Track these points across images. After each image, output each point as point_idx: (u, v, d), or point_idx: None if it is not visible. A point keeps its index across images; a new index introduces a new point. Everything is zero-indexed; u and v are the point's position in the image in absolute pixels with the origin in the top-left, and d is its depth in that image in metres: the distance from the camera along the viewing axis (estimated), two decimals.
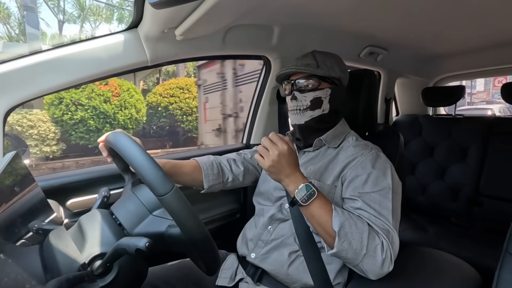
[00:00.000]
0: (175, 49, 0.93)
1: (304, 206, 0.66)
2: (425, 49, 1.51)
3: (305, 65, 0.81)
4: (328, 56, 0.85)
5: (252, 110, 1.35)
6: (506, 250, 0.59)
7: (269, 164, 0.67)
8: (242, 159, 0.99)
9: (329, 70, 0.81)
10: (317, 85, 0.81)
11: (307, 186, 0.66)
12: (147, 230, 0.61)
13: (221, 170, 0.93)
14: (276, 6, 0.90)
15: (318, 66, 0.81)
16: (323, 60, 0.82)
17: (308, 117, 0.82)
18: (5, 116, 0.74)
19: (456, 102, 1.84)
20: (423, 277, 0.70)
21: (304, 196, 0.65)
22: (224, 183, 0.94)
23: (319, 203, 0.66)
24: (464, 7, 0.94)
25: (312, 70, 0.80)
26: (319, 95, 0.81)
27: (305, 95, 0.81)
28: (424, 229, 1.60)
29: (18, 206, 0.59)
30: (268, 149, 0.67)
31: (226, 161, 0.96)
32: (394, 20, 1.07)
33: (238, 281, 0.86)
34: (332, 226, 0.64)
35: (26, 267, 0.50)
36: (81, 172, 1.00)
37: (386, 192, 0.72)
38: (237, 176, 0.95)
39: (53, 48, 0.78)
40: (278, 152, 0.66)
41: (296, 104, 0.82)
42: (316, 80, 0.81)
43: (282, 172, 0.67)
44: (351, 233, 0.64)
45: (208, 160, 0.93)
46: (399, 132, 1.01)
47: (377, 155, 0.79)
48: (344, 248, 0.63)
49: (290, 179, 0.67)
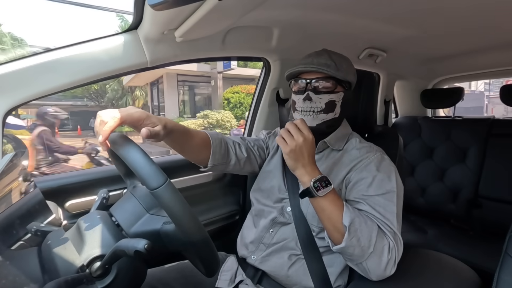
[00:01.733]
0: (175, 50, 0.93)
1: (318, 197, 0.66)
2: (424, 51, 1.52)
3: (324, 65, 0.77)
4: (342, 58, 0.81)
5: (251, 111, 1.35)
6: (505, 252, 0.59)
7: (291, 148, 0.67)
8: (246, 145, 0.93)
9: (346, 74, 0.79)
10: (334, 88, 0.78)
11: (324, 177, 0.67)
12: (144, 229, 0.61)
13: (227, 151, 0.88)
14: (276, 8, 0.90)
15: (337, 68, 0.77)
16: (340, 62, 0.79)
17: (321, 120, 0.79)
18: (4, 117, 0.74)
19: (455, 104, 1.85)
20: (422, 279, 0.70)
21: (320, 187, 0.66)
22: (227, 165, 0.88)
23: (332, 197, 0.67)
24: (463, 9, 0.94)
25: (333, 72, 0.76)
26: (333, 99, 0.78)
27: (320, 96, 0.78)
28: (424, 231, 1.60)
29: (17, 207, 0.58)
30: (293, 134, 0.68)
31: (232, 143, 0.90)
32: (393, 22, 1.07)
33: (238, 283, 0.86)
34: (342, 221, 0.64)
35: (25, 269, 0.50)
36: (80, 174, 1.00)
37: (391, 195, 0.72)
38: (239, 161, 0.90)
39: (52, 49, 0.78)
40: (303, 138, 0.67)
41: (310, 106, 0.79)
42: (333, 82, 0.78)
43: (301, 160, 0.68)
44: (361, 230, 0.64)
45: (217, 137, 0.86)
46: (399, 134, 1.01)
47: (382, 158, 0.79)
48: (353, 244, 0.63)
49: (306, 169, 0.68)
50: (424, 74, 1.95)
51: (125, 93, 16.89)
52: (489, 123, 1.67)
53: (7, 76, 0.72)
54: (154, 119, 0.64)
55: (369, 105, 1.02)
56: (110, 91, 16.69)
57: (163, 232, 0.60)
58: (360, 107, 1.00)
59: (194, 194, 1.11)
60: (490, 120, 1.69)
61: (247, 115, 1.41)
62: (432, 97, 1.93)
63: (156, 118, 0.65)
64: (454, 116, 1.88)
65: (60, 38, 45.06)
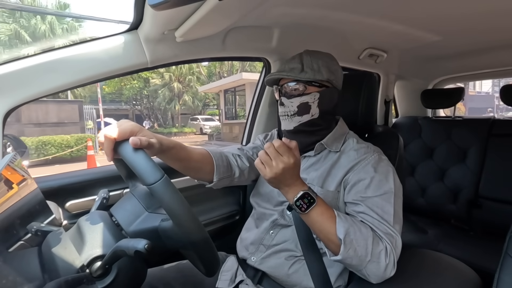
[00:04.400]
0: (175, 50, 0.93)
1: (303, 214, 0.65)
2: (424, 52, 1.52)
3: (288, 70, 0.79)
4: (316, 57, 0.80)
5: (251, 111, 1.35)
6: (506, 252, 0.59)
7: (270, 175, 0.63)
8: (245, 154, 0.93)
9: (314, 74, 0.77)
10: (303, 90, 0.78)
11: (306, 194, 0.64)
12: (142, 227, 0.60)
13: (229, 164, 0.87)
14: (276, 8, 0.90)
15: (302, 70, 0.78)
16: (309, 63, 0.78)
17: (297, 122, 0.79)
18: (4, 117, 0.74)
19: (455, 104, 1.85)
20: (422, 279, 0.70)
21: (303, 204, 0.64)
22: (232, 178, 0.87)
23: (319, 210, 0.65)
24: (463, 9, 0.94)
25: (294, 76, 0.77)
26: (306, 100, 0.78)
27: (291, 100, 0.78)
28: (424, 231, 1.60)
29: (17, 207, 0.58)
30: (272, 159, 0.63)
31: (232, 155, 0.90)
32: (394, 22, 1.07)
33: (238, 283, 0.86)
34: (336, 233, 0.63)
35: (25, 269, 0.50)
36: (80, 174, 1.00)
37: (388, 196, 0.72)
38: (243, 172, 0.89)
39: (53, 49, 0.78)
40: (283, 166, 0.62)
41: (284, 110, 0.80)
42: (301, 85, 0.78)
43: (283, 182, 0.65)
44: (356, 240, 0.63)
45: (217, 151, 0.86)
46: (399, 134, 1.01)
47: (380, 159, 0.78)
48: (350, 255, 0.62)
49: (290, 188, 0.65)
50: (424, 74, 1.95)
51: (173, 98, 18.97)
52: (489, 123, 1.67)
53: (7, 76, 0.72)
54: (147, 133, 0.63)
55: (369, 105, 1.02)
56: (162, 95, 18.76)
57: (161, 229, 0.60)
58: (361, 107, 0.99)
59: (194, 194, 1.11)
60: (490, 120, 1.69)
61: (247, 115, 1.41)
62: (432, 97, 1.93)
63: (150, 133, 0.64)
64: (454, 116, 1.88)
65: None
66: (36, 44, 14.44)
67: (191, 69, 19.63)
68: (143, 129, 0.62)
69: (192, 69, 19.70)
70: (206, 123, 18.40)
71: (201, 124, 18.74)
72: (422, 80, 2.04)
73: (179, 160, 0.75)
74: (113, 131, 0.57)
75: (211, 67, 21.12)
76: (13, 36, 14.68)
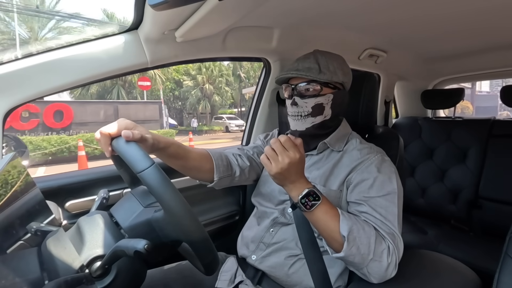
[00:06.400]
0: (175, 50, 0.93)
1: (307, 212, 0.65)
2: (425, 52, 1.52)
3: (306, 70, 0.77)
4: (331, 58, 0.80)
5: (252, 112, 1.35)
6: (505, 253, 0.59)
7: (276, 171, 0.63)
8: (246, 154, 0.93)
9: (331, 75, 0.77)
10: (319, 91, 0.77)
11: (311, 191, 0.64)
12: (137, 221, 0.60)
13: (229, 163, 0.87)
14: (276, 9, 0.90)
15: (320, 71, 0.76)
16: (325, 63, 0.78)
17: (310, 123, 0.78)
18: (4, 117, 0.74)
19: (455, 105, 1.85)
20: (422, 280, 0.70)
21: (308, 202, 0.64)
22: (232, 177, 0.88)
23: (324, 209, 0.65)
24: (463, 9, 0.94)
25: (313, 76, 0.75)
26: (320, 101, 0.77)
27: (306, 101, 0.77)
28: (424, 231, 1.60)
29: (17, 207, 0.58)
30: (278, 154, 0.63)
31: (232, 155, 0.90)
32: (394, 23, 1.07)
33: (238, 283, 0.85)
34: (340, 230, 0.63)
35: (24, 269, 0.50)
36: (80, 174, 1.00)
37: (392, 197, 0.72)
38: (243, 171, 0.90)
39: (53, 49, 0.78)
40: (289, 160, 0.62)
41: (297, 110, 0.79)
42: (318, 85, 0.77)
43: (288, 179, 0.65)
44: (359, 238, 0.63)
45: (216, 151, 0.86)
46: (399, 135, 1.01)
47: (383, 159, 0.78)
48: (352, 253, 0.62)
49: (294, 185, 0.65)
50: (424, 74, 1.95)
51: (203, 98, 20.47)
52: (489, 124, 1.67)
53: (7, 76, 0.72)
54: (142, 129, 0.64)
55: (370, 105, 1.02)
56: (195, 96, 20.31)
57: (153, 220, 0.59)
58: (361, 108, 0.99)
59: (194, 194, 1.11)
60: (490, 121, 1.69)
61: (247, 115, 1.41)
62: (432, 98, 1.93)
63: (144, 129, 0.65)
64: (454, 116, 1.88)
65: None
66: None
67: (221, 71, 21.20)
68: (138, 126, 0.64)
69: (221, 71, 21.27)
70: (232, 122, 18.82)
71: (226, 122, 19.04)
72: (422, 80, 2.04)
73: (176, 158, 0.76)
74: (108, 128, 0.59)
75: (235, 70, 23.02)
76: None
